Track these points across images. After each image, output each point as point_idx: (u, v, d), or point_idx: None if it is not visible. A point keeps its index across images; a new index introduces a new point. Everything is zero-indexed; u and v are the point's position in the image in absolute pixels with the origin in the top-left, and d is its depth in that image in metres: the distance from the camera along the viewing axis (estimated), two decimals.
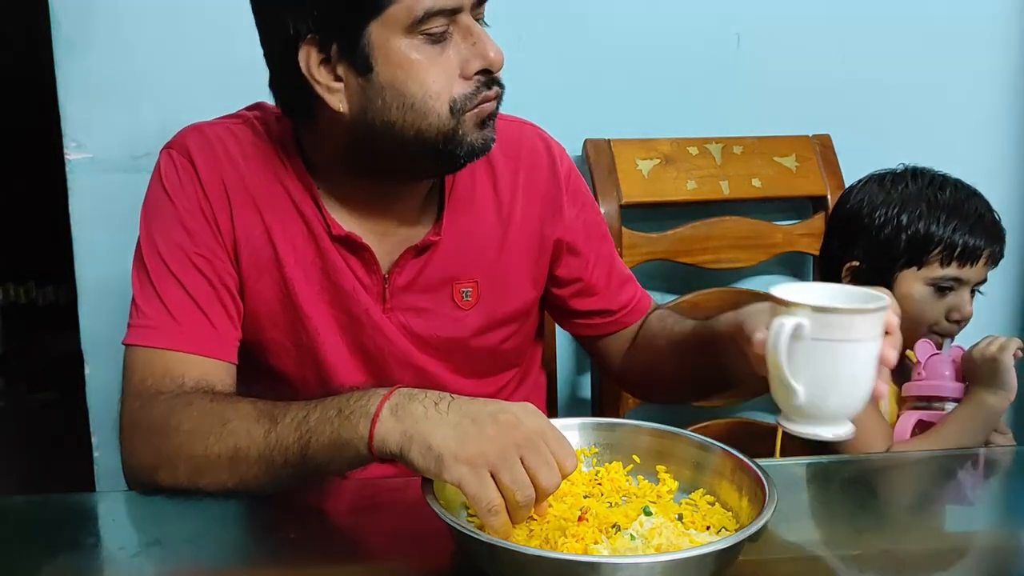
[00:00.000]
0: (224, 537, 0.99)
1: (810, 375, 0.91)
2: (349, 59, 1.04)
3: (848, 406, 0.94)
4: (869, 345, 0.92)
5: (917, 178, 1.51)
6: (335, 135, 1.11)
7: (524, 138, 1.26)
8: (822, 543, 0.99)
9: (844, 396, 0.94)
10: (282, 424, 0.97)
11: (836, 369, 0.91)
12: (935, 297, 1.45)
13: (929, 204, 1.46)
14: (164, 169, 1.15)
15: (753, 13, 1.81)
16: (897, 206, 1.48)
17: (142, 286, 1.12)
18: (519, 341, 1.30)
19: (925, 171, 1.53)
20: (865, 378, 0.93)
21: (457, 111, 1.05)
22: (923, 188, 1.49)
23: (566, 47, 1.74)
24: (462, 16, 1.04)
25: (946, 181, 1.51)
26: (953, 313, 1.45)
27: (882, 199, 1.50)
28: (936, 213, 1.45)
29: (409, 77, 1.04)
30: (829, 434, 0.94)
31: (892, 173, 1.55)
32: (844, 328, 0.90)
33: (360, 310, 1.18)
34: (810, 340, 0.90)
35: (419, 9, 1.01)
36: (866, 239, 1.51)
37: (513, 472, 0.85)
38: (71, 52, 1.59)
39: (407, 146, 1.07)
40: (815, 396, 0.92)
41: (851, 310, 0.91)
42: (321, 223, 1.16)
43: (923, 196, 1.47)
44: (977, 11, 1.88)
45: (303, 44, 1.05)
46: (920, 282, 1.45)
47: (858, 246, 1.52)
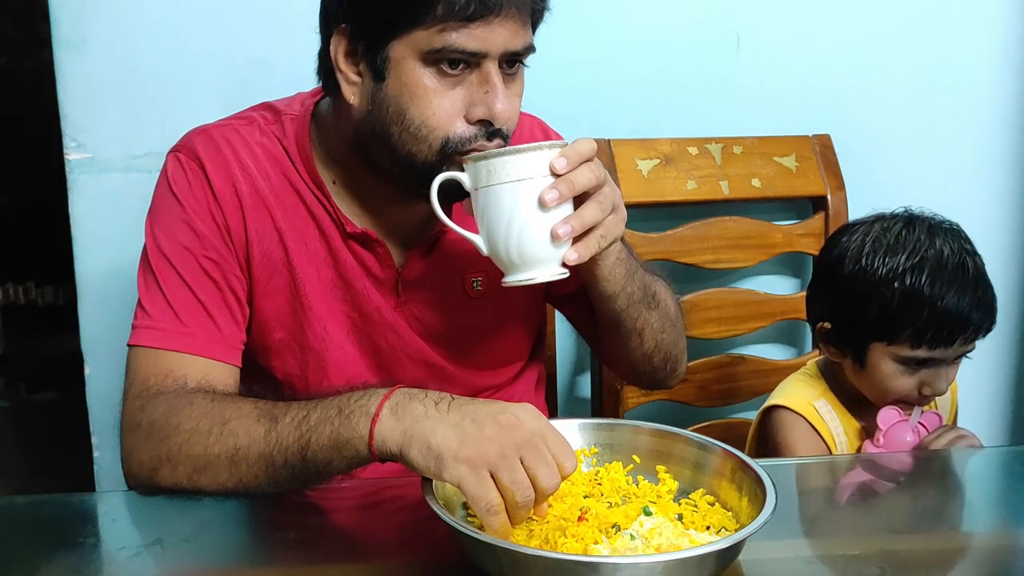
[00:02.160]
0: (224, 537, 0.99)
1: (483, 224, 1.01)
2: (369, 61, 1.06)
3: (528, 247, 0.99)
4: (525, 184, 0.97)
5: (907, 233, 1.32)
6: (346, 124, 1.12)
7: (524, 127, 1.26)
8: (822, 543, 0.99)
9: (516, 237, 0.99)
10: (282, 423, 0.97)
11: (498, 212, 0.99)
12: (906, 373, 1.31)
13: (908, 273, 1.29)
14: (172, 172, 1.15)
15: (753, 13, 1.82)
16: (876, 269, 1.30)
17: (148, 288, 1.12)
18: (526, 330, 1.31)
19: (919, 223, 1.34)
20: (529, 216, 0.98)
21: (449, 151, 1.05)
22: (910, 250, 1.30)
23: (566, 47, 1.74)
24: (487, 62, 1.04)
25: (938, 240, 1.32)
26: (925, 388, 1.31)
27: (863, 258, 1.32)
28: (912, 286, 1.28)
29: (413, 101, 1.04)
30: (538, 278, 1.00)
31: (885, 223, 1.36)
32: (492, 172, 0.97)
33: (371, 308, 1.18)
34: (473, 191, 1.00)
35: (439, 42, 1.02)
36: (840, 302, 1.35)
37: (513, 472, 0.85)
38: (71, 52, 1.59)
39: (397, 161, 1.08)
40: (494, 243, 1.00)
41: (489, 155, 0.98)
42: (333, 222, 1.16)
43: (906, 261, 1.29)
44: (977, 11, 1.88)
45: (336, 31, 1.07)
46: (889, 358, 1.30)
47: (832, 307, 1.37)
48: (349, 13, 1.06)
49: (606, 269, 1.11)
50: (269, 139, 1.17)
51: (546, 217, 0.98)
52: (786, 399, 1.39)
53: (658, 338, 1.23)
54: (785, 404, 1.38)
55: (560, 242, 0.99)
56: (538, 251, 0.99)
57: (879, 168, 1.89)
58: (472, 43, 1.02)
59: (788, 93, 1.85)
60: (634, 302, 1.17)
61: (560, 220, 0.99)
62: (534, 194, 0.97)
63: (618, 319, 1.18)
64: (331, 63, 1.09)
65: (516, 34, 1.04)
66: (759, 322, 1.83)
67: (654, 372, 1.27)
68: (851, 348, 1.35)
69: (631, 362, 1.26)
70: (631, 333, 1.20)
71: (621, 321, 1.18)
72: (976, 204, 1.95)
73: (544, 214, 0.98)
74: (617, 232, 1.04)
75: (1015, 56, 1.91)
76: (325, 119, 1.17)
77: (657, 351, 1.24)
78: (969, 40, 1.89)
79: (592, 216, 1.01)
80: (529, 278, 1.01)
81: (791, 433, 1.36)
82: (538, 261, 1.00)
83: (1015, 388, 2.05)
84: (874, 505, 1.11)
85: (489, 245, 1.01)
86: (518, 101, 1.09)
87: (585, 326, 1.33)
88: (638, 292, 1.17)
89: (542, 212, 0.98)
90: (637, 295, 1.17)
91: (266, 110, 1.20)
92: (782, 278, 1.93)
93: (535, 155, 0.98)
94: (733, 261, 1.81)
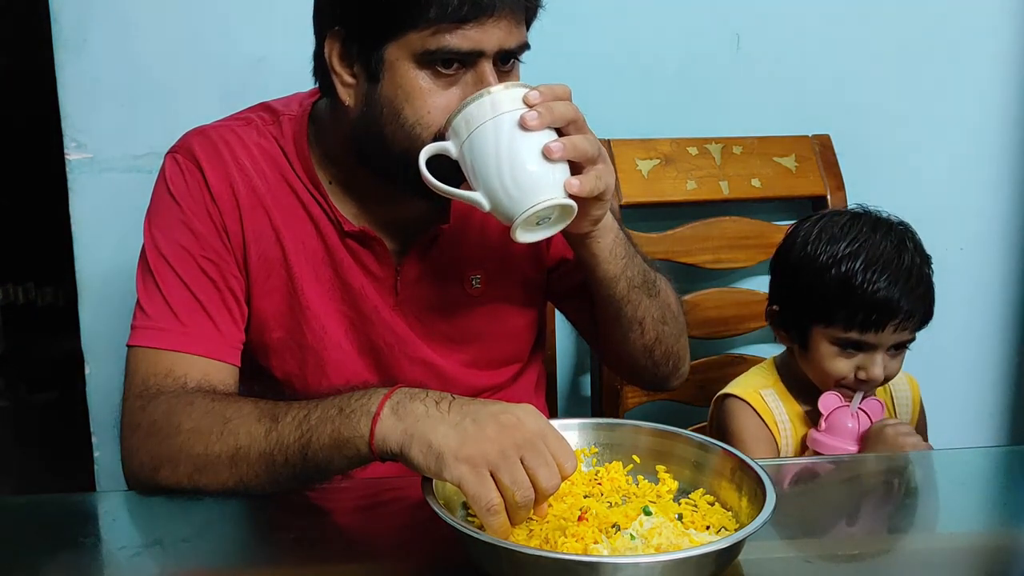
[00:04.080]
0: (224, 537, 0.99)
1: (475, 175, 0.99)
2: (363, 63, 1.06)
3: (522, 173, 0.97)
4: (504, 116, 0.97)
5: (851, 225, 1.39)
6: (343, 125, 1.13)
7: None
8: (822, 543, 0.99)
9: (508, 166, 0.97)
10: (283, 423, 0.97)
11: (484, 152, 0.97)
12: (842, 356, 1.37)
13: (844, 260, 1.36)
14: (169, 173, 1.15)
15: (753, 13, 1.81)
16: (817, 256, 1.38)
17: (147, 289, 1.12)
18: (525, 329, 1.30)
19: (866, 218, 1.41)
20: (515, 142, 0.97)
21: None
22: (849, 239, 1.37)
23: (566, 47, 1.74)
24: (482, 62, 1.04)
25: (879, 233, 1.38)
26: (860, 373, 1.36)
27: (809, 245, 1.39)
28: (846, 272, 1.35)
29: (408, 101, 1.05)
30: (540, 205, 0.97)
31: (835, 216, 1.43)
32: (471, 119, 0.98)
33: (369, 308, 1.18)
34: (459, 152, 0.99)
35: (433, 44, 1.02)
36: (787, 286, 1.44)
37: (513, 472, 0.85)
38: (71, 52, 1.59)
39: (392, 160, 1.08)
40: (490, 185, 0.98)
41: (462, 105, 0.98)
42: (331, 221, 1.16)
43: (843, 250, 1.36)
44: (977, 10, 1.88)
45: (330, 33, 1.07)
46: (827, 340, 1.37)
47: (781, 290, 1.45)
48: (342, 16, 1.06)
49: (606, 248, 1.11)
50: (267, 140, 1.17)
51: (532, 140, 0.98)
52: (735, 388, 1.46)
53: (659, 329, 1.22)
54: (733, 392, 1.45)
55: (554, 163, 0.98)
56: (534, 175, 0.98)
57: (879, 168, 1.89)
58: (466, 44, 1.02)
59: (788, 93, 1.85)
60: (634, 287, 1.17)
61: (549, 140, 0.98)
62: (515, 122, 0.98)
63: (619, 306, 1.18)
64: (326, 64, 1.09)
65: (510, 33, 1.04)
66: (759, 322, 1.83)
67: (656, 368, 1.26)
68: (796, 331, 1.42)
69: (632, 356, 1.25)
70: (632, 323, 1.20)
71: (621, 308, 1.18)
72: (976, 204, 1.95)
73: (529, 138, 0.98)
74: (610, 180, 1.03)
75: (1015, 56, 1.91)
76: (322, 119, 1.17)
77: (658, 344, 1.23)
78: (969, 40, 1.89)
79: (582, 145, 1.00)
80: (531, 207, 0.98)
81: (736, 420, 1.43)
82: (535, 186, 0.98)
83: (1015, 388, 2.05)
84: (874, 505, 1.11)
85: (487, 191, 0.99)
86: None
87: (585, 325, 1.32)
88: (638, 277, 1.17)
89: (526, 137, 0.97)
90: (637, 280, 1.17)
91: (264, 111, 1.20)
92: None
93: (508, 91, 0.99)
94: (733, 261, 1.81)
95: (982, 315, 2.00)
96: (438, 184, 1.01)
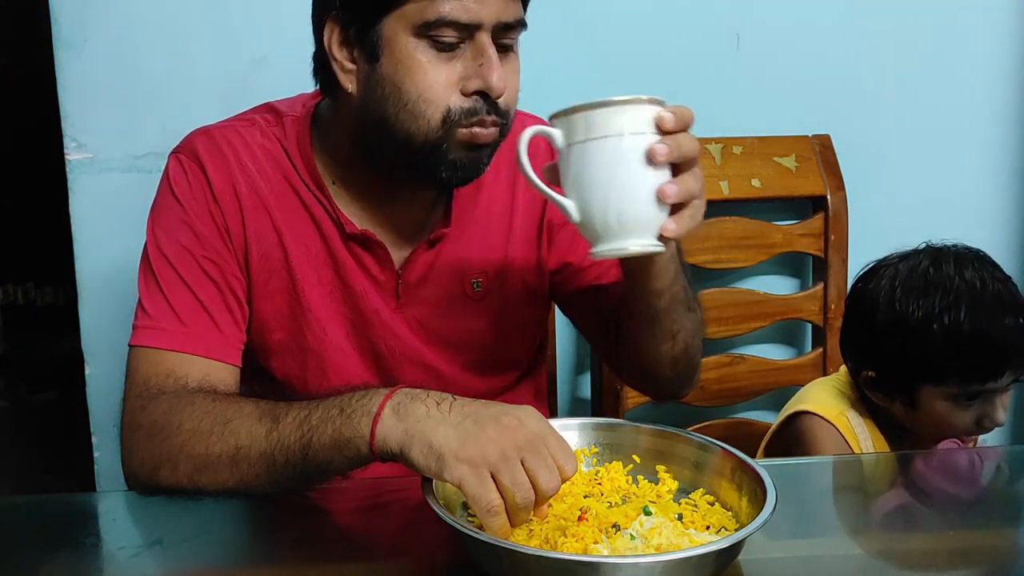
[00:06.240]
0: (224, 537, 0.99)
1: (579, 187, 0.89)
2: (363, 44, 1.06)
3: (629, 209, 0.89)
4: (630, 139, 0.87)
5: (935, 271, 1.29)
6: (346, 118, 1.12)
7: (527, 127, 1.25)
8: (822, 543, 0.99)
9: (617, 197, 0.88)
10: (284, 423, 0.97)
11: (597, 170, 0.88)
12: (960, 408, 1.29)
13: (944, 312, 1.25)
14: (173, 173, 1.15)
15: (753, 13, 1.82)
16: (912, 313, 1.27)
17: (148, 289, 1.12)
18: (526, 335, 1.30)
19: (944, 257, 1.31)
20: (633, 174, 0.88)
21: (450, 122, 1.05)
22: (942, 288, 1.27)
23: (566, 47, 1.74)
24: (480, 34, 1.04)
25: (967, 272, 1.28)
26: (984, 421, 1.29)
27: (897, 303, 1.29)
28: (952, 325, 1.25)
29: (408, 76, 1.04)
30: (633, 247, 0.90)
31: (908, 263, 1.32)
32: (592, 126, 0.87)
33: (371, 310, 1.18)
34: (565, 148, 0.89)
35: (432, 14, 1.01)
36: (879, 350, 1.32)
37: (513, 474, 0.85)
38: (71, 52, 1.59)
39: (398, 147, 1.07)
40: (589, 205, 0.89)
41: (591, 105, 0.87)
42: (333, 223, 1.16)
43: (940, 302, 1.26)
44: (977, 11, 1.88)
45: (328, 20, 1.07)
46: (941, 397, 1.28)
47: (873, 357, 1.34)
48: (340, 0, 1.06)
49: (661, 263, 1.07)
50: (270, 140, 1.17)
51: (650, 177, 0.89)
52: (817, 406, 1.36)
53: (690, 343, 1.18)
54: (816, 411, 1.35)
55: (662, 207, 0.90)
56: (639, 215, 0.90)
57: (879, 168, 1.89)
58: (464, 14, 1.02)
59: (788, 93, 1.85)
60: (677, 301, 1.13)
61: (665, 182, 0.90)
62: (640, 149, 0.88)
63: (657, 318, 1.14)
64: (325, 56, 1.09)
65: (508, 5, 1.04)
66: (759, 322, 1.83)
67: (677, 378, 1.23)
68: (899, 393, 1.32)
69: (657, 366, 1.20)
70: (666, 334, 1.16)
71: (659, 320, 1.14)
72: (976, 204, 1.95)
73: (648, 173, 0.88)
74: (700, 217, 0.96)
75: (1015, 56, 1.91)
76: (326, 118, 1.17)
77: (685, 355, 1.19)
78: (969, 40, 1.89)
79: (693, 187, 0.93)
80: (622, 247, 0.90)
81: (823, 442, 1.33)
82: (637, 227, 0.90)
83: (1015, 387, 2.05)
84: (874, 505, 1.11)
85: (582, 208, 0.90)
86: (516, 80, 1.09)
87: (593, 329, 1.31)
88: (681, 292, 1.13)
89: (647, 170, 0.88)
90: (680, 295, 1.13)
91: (268, 111, 1.20)
92: (782, 278, 1.93)
93: (641, 109, 0.88)
94: (733, 261, 1.81)
95: None
96: (534, 178, 0.93)
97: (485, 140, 1.07)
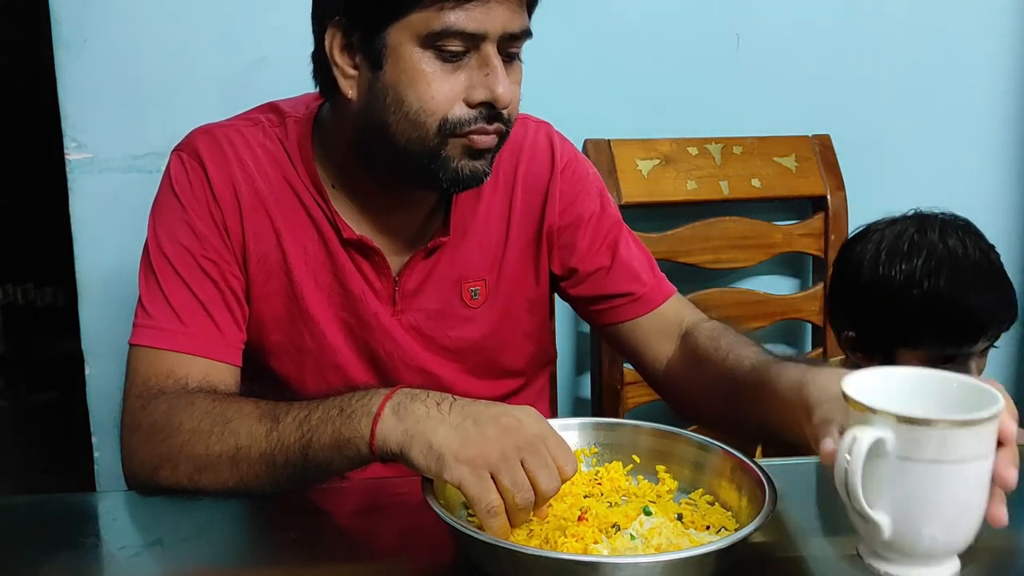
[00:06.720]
0: (224, 537, 0.99)
1: (897, 503, 0.75)
2: (366, 51, 1.05)
3: (951, 541, 0.77)
4: (975, 465, 0.74)
5: (920, 236, 1.32)
6: (345, 124, 1.12)
7: (528, 134, 1.25)
8: (822, 543, 0.99)
9: (944, 529, 0.76)
10: (284, 423, 0.97)
11: (932, 496, 0.74)
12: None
13: (925, 276, 1.28)
14: (174, 171, 1.15)
15: (753, 13, 1.82)
16: (894, 276, 1.30)
17: (149, 287, 1.12)
18: (527, 345, 1.29)
19: (930, 224, 1.34)
20: (972, 505, 0.75)
21: (445, 132, 1.04)
22: (924, 253, 1.30)
23: (566, 47, 1.74)
24: (485, 45, 1.03)
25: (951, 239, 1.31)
26: None
27: (880, 266, 1.32)
28: (932, 289, 1.28)
29: (411, 86, 1.04)
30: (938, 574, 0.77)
31: (895, 228, 1.35)
32: (942, 445, 0.72)
33: (369, 314, 1.18)
34: (895, 459, 0.73)
35: (438, 24, 1.01)
36: (861, 310, 1.36)
37: (513, 474, 0.85)
38: (71, 52, 1.59)
39: (397, 154, 1.07)
40: (904, 529, 0.75)
41: (951, 422, 0.72)
42: (331, 227, 1.16)
43: (922, 266, 1.29)
44: (977, 11, 1.88)
45: (330, 25, 1.07)
46: (917, 361, 1.29)
47: (855, 316, 1.38)
48: (343, 3, 1.05)
49: None
50: (272, 141, 1.17)
51: (984, 497, 0.77)
52: None
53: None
54: None
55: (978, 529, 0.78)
56: (964, 542, 0.78)
57: (879, 168, 1.89)
58: (471, 24, 1.01)
59: (788, 93, 1.85)
60: None
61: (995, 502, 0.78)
62: (981, 475, 0.75)
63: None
64: (326, 60, 1.08)
65: (514, 15, 1.04)
66: (759, 322, 1.83)
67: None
68: (878, 355, 1.34)
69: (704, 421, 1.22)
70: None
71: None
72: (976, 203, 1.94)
73: (985, 494, 0.76)
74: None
75: (1015, 55, 1.91)
76: (326, 122, 1.17)
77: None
78: (969, 39, 1.89)
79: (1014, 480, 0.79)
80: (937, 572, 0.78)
81: None
82: (952, 554, 0.79)
83: (1016, 388, 2.05)
84: None
85: (897, 527, 0.76)
86: (518, 89, 1.09)
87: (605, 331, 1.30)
88: None
89: (985, 491, 0.76)
90: None
91: (271, 111, 1.20)
92: (782, 278, 1.93)
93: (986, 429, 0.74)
94: (733, 261, 1.81)
95: None
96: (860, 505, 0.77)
97: (484, 146, 1.07)
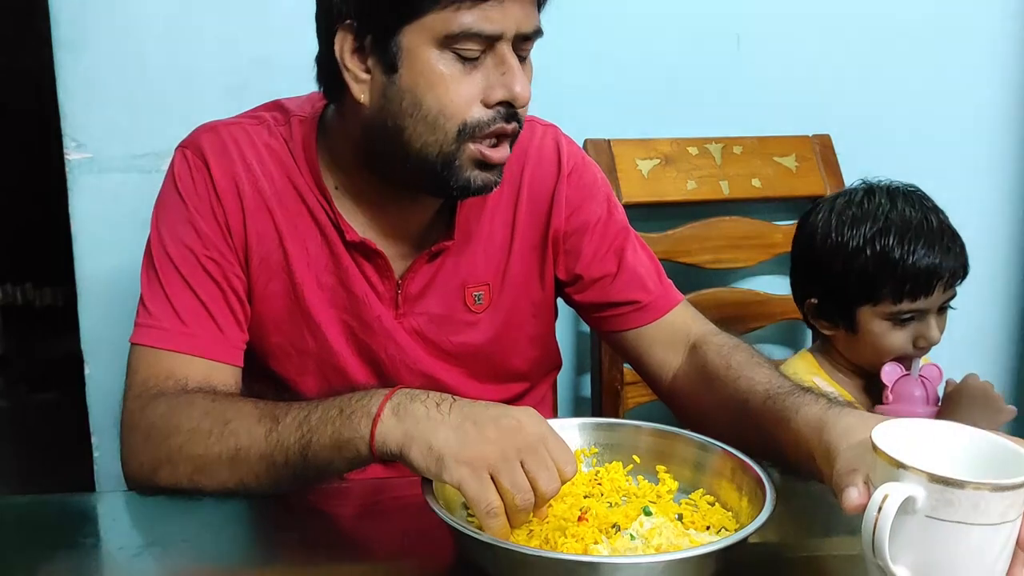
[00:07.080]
0: (224, 537, 0.99)
1: (920, 560, 0.73)
2: (379, 55, 1.04)
3: None
4: (1004, 528, 0.72)
5: (868, 202, 1.44)
6: (352, 127, 1.11)
7: (535, 137, 1.24)
8: (822, 543, 0.99)
9: None
10: (283, 424, 0.97)
11: (956, 557, 0.72)
12: (897, 328, 1.42)
13: (876, 237, 1.40)
14: (177, 169, 1.15)
15: (753, 13, 1.82)
16: (847, 241, 1.42)
17: (151, 286, 1.12)
18: (530, 350, 1.29)
19: (878, 189, 1.46)
20: (995, 569, 0.74)
21: (465, 135, 1.04)
22: (873, 216, 1.42)
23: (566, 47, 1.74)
24: (500, 44, 1.03)
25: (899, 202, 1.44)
26: (919, 340, 1.42)
27: (833, 232, 1.44)
28: (883, 248, 1.39)
29: (429, 89, 1.03)
30: None
31: (847, 196, 1.47)
32: (973, 507, 0.70)
33: (372, 317, 1.18)
34: (923, 516, 0.71)
35: (455, 26, 1.00)
36: (820, 276, 1.47)
37: (513, 475, 0.85)
38: (71, 52, 1.59)
39: (409, 157, 1.06)
40: None
41: (985, 485, 0.70)
42: (335, 229, 1.15)
43: (871, 228, 1.41)
44: (977, 11, 1.89)
45: (341, 28, 1.05)
46: (878, 318, 1.42)
47: (815, 283, 1.49)
48: (354, 7, 1.04)
49: None
50: (277, 140, 1.16)
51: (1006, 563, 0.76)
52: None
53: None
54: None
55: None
56: None
57: (879, 168, 1.89)
58: (488, 25, 1.01)
59: (788, 93, 1.85)
60: None
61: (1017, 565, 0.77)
62: (1012, 536, 0.74)
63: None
64: (334, 65, 1.07)
65: (527, 14, 1.04)
66: (759, 322, 1.83)
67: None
68: (840, 317, 1.45)
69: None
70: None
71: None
72: (976, 203, 1.95)
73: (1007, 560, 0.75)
74: None
75: (1015, 56, 1.91)
76: (331, 123, 1.16)
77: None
78: (969, 39, 1.89)
79: None
80: None
81: None
82: None
83: (1016, 387, 2.05)
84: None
85: None
86: (530, 89, 1.08)
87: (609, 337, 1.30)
88: None
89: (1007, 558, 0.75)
90: None
91: (277, 110, 1.19)
92: (782, 278, 1.92)
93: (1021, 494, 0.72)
94: (733, 261, 1.81)
95: (983, 313, 2.00)
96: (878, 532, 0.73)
97: (497, 160, 1.07)
